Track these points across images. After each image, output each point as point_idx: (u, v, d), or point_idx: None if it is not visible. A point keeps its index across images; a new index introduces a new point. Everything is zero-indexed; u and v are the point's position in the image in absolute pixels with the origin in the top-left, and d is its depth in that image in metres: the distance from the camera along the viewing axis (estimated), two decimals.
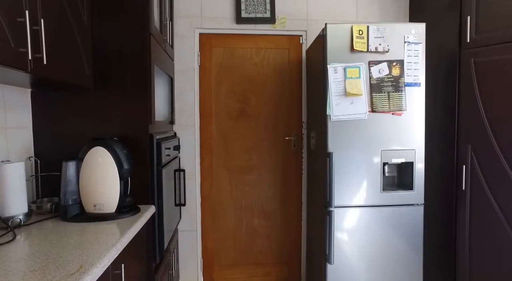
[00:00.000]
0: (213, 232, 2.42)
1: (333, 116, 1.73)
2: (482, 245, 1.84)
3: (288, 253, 2.49)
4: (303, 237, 2.48)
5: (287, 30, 2.39)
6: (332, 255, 1.75)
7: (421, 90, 1.78)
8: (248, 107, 2.42)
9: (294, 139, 2.43)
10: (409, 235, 1.80)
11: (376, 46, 1.74)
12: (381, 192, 1.77)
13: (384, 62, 1.74)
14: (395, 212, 1.79)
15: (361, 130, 1.75)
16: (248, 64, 2.41)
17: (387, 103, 1.74)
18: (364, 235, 1.79)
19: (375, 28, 1.75)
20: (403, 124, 1.77)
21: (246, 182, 2.43)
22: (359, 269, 1.80)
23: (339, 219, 1.77)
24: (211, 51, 2.37)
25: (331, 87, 1.72)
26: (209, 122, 2.39)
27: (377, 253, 1.80)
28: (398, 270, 1.81)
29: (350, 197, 1.77)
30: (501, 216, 1.75)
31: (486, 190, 1.80)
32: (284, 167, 2.45)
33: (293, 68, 2.43)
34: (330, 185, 1.74)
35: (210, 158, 2.40)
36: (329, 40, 1.74)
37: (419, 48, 1.77)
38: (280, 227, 2.47)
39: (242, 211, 2.44)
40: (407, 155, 1.77)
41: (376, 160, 1.76)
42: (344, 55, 1.74)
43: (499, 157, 1.75)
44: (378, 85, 1.73)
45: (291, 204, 2.47)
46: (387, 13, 2.48)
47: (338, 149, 1.75)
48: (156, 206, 1.53)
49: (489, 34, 1.78)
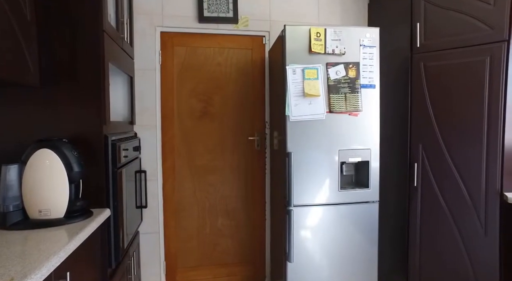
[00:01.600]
0: (176, 234, 2.38)
1: (292, 117, 1.76)
2: (430, 236, 1.96)
3: (252, 253, 2.50)
4: (267, 236, 2.51)
5: (250, 31, 2.40)
6: (292, 254, 1.78)
7: (376, 92, 1.86)
8: (211, 107, 2.40)
9: (257, 139, 2.45)
10: (366, 231, 1.88)
11: (333, 48, 1.79)
12: (339, 191, 1.83)
13: (341, 64, 1.80)
14: (352, 209, 1.86)
15: (320, 130, 1.80)
16: (211, 64, 2.39)
17: (344, 104, 1.80)
18: (323, 233, 1.84)
19: (332, 31, 1.80)
20: (359, 124, 1.84)
21: (209, 182, 2.41)
22: (318, 265, 1.85)
23: (298, 217, 1.81)
24: (173, 50, 2.32)
25: (290, 88, 1.75)
26: (172, 122, 2.35)
27: (335, 249, 1.86)
28: (355, 263, 1.88)
29: (309, 196, 1.81)
30: (445, 207, 1.88)
31: (434, 185, 1.92)
32: (248, 167, 2.46)
33: (256, 68, 2.45)
34: (289, 185, 1.77)
35: (172, 159, 2.36)
36: (288, 42, 1.77)
37: (374, 51, 1.85)
38: (244, 227, 2.48)
39: (205, 212, 2.42)
40: (363, 154, 1.85)
41: (334, 160, 1.82)
42: (302, 57, 1.78)
43: (445, 155, 1.87)
44: (336, 86, 1.79)
45: (255, 204, 2.49)
46: (348, 17, 2.57)
47: (297, 149, 1.78)
48: (111, 209, 1.47)
49: (435, 41, 1.90)
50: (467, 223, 1.79)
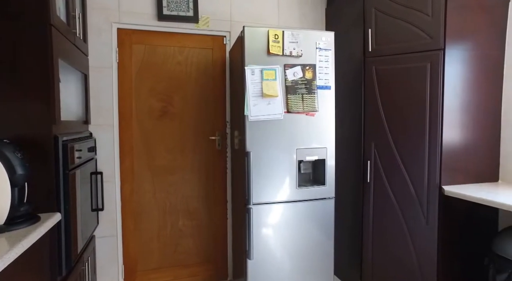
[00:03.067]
0: (135, 236, 2.32)
1: (250, 117, 1.79)
2: (382, 228, 2.09)
3: (214, 252, 2.51)
4: (229, 235, 2.53)
5: (211, 30, 2.40)
6: (252, 251, 1.82)
7: (331, 93, 1.95)
8: (172, 107, 2.37)
9: (218, 138, 2.46)
10: (322, 226, 1.96)
11: (290, 50, 1.85)
12: (297, 188, 1.90)
13: (298, 65, 1.87)
14: (310, 206, 1.93)
15: (278, 130, 1.85)
16: (171, 63, 2.36)
17: (301, 104, 1.87)
18: (282, 229, 1.90)
19: (290, 34, 1.86)
20: (316, 124, 1.92)
21: (170, 182, 2.38)
22: (278, 261, 1.90)
23: (258, 215, 1.85)
24: (131, 47, 2.26)
25: (249, 88, 1.79)
26: (130, 122, 2.28)
27: (294, 244, 1.93)
28: (313, 257, 1.96)
29: (269, 194, 1.86)
30: (394, 201, 2.02)
31: (385, 181, 2.06)
32: (209, 166, 2.46)
33: (217, 68, 2.45)
34: (248, 183, 1.80)
35: (131, 159, 2.29)
36: (247, 43, 1.80)
37: (329, 54, 1.93)
38: (206, 227, 2.48)
39: (166, 213, 2.38)
40: (320, 153, 1.93)
41: (292, 158, 1.88)
42: (261, 58, 1.82)
43: (394, 153, 2.01)
44: (293, 87, 1.85)
45: (216, 203, 2.50)
46: (306, 20, 2.66)
47: (256, 148, 1.82)
48: (63, 213, 1.41)
49: (385, 46, 2.03)
50: (412, 214, 1.95)
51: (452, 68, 1.84)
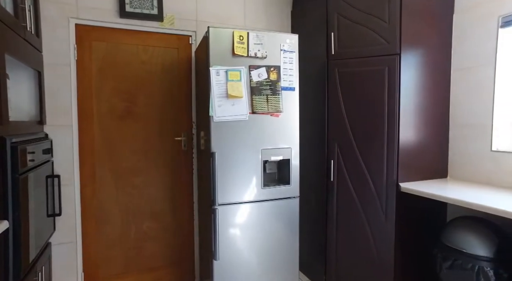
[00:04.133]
0: (97, 241, 2.22)
1: (215, 117, 1.79)
2: (345, 225, 2.17)
3: (180, 254, 2.47)
4: (195, 237, 2.50)
5: (176, 29, 2.36)
6: (218, 252, 1.81)
7: (295, 94, 1.99)
8: (136, 107, 2.30)
9: (184, 139, 2.42)
10: (288, 224, 2.00)
11: (255, 51, 1.87)
12: (262, 188, 1.92)
13: (263, 67, 1.89)
14: (275, 205, 1.96)
15: (243, 131, 1.86)
16: (135, 62, 2.29)
17: (266, 105, 1.89)
18: (248, 229, 1.91)
19: (255, 35, 1.88)
20: (280, 125, 1.95)
21: (134, 185, 2.31)
22: (244, 261, 1.91)
23: (224, 216, 1.85)
24: (91, 45, 2.17)
25: (214, 88, 1.78)
26: (91, 122, 2.19)
27: (260, 243, 1.95)
28: (279, 255, 1.99)
29: (234, 194, 1.87)
30: (356, 198, 2.11)
31: (347, 179, 2.14)
32: (175, 167, 2.42)
33: (183, 68, 2.42)
34: (213, 184, 1.80)
35: (92, 161, 2.19)
36: (212, 43, 1.80)
37: (293, 56, 1.97)
38: (172, 229, 2.44)
39: (130, 216, 2.31)
40: (284, 153, 1.97)
41: (257, 158, 1.90)
42: (226, 59, 1.82)
43: (356, 152, 2.10)
44: (258, 88, 1.87)
45: (182, 205, 2.46)
46: (273, 22, 2.70)
47: (222, 149, 1.82)
48: (11, 221, 1.32)
49: (347, 50, 2.11)
50: (372, 210, 2.04)
51: (407, 72, 1.95)
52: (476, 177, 2.03)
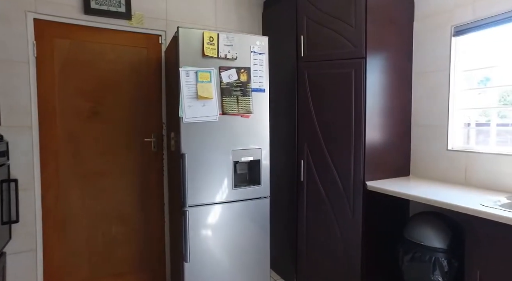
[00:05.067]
0: (60, 248, 2.12)
1: (185, 118, 1.77)
2: (314, 223, 2.23)
3: (151, 258, 2.42)
4: (166, 239, 2.46)
5: (145, 29, 2.31)
6: (188, 254, 1.80)
7: (265, 95, 2.01)
8: (103, 107, 2.22)
9: (154, 140, 2.38)
10: (259, 224, 2.02)
11: (225, 53, 1.87)
12: (233, 189, 1.93)
13: (233, 68, 1.90)
14: (246, 205, 1.98)
15: (213, 132, 1.86)
16: (102, 61, 2.21)
17: (236, 107, 1.90)
18: (219, 230, 1.91)
19: (225, 37, 1.88)
20: (251, 126, 1.97)
21: (101, 188, 2.23)
22: (215, 262, 1.91)
23: (194, 217, 1.83)
24: (53, 41, 2.07)
25: (184, 89, 1.76)
26: (53, 123, 2.08)
27: (232, 244, 1.95)
28: (250, 255, 2.00)
29: (205, 195, 1.86)
30: (325, 197, 2.17)
31: (317, 179, 2.20)
32: (145, 169, 2.36)
33: (153, 67, 2.37)
34: (183, 186, 1.78)
35: (55, 164, 2.09)
36: (181, 44, 1.78)
37: (263, 58, 2.00)
38: (142, 232, 2.38)
39: (97, 220, 2.23)
40: (255, 153, 1.98)
41: (228, 159, 1.91)
42: (196, 59, 1.81)
43: (324, 152, 2.16)
44: (228, 89, 1.88)
45: (153, 207, 2.41)
46: (244, 24, 2.71)
47: (192, 150, 1.81)
48: None
49: (316, 52, 2.17)
50: (340, 208, 2.11)
51: (372, 75, 2.04)
52: (434, 174, 2.16)
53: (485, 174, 1.89)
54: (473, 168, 1.95)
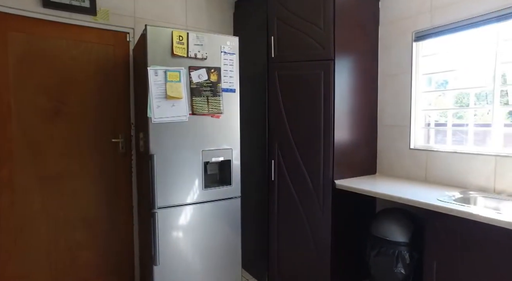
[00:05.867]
0: (17, 256, 2.00)
1: (154, 118, 1.73)
2: (286, 221, 2.27)
3: (119, 262, 2.34)
4: (135, 242, 2.39)
5: (111, 25, 2.23)
6: (158, 256, 1.76)
7: (236, 95, 2.01)
8: (67, 106, 2.12)
9: (122, 141, 2.30)
10: (230, 224, 2.02)
11: (195, 52, 1.85)
12: (203, 189, 1.91)
13: (203, 68, 1.88)
14: (217, 206, 1.97)
15: (183, 132, 1.83)
16: (65, 58, 2.11)
17: (206, 107, 1.88)
18: (190, 231, 1.89)
19: (195, 36, 1.86)
20: (221, 126, 1.96)
21: (64, 191, 2.13)
22: (187, 263, 1.88)
23: (164, 219, 1.80)
24: (7, 35, 1.94)
25: (152, 89, 1.72)
26: (8, 122, 1.96)
27: (203, 245, 1.93)
28: (221, 255, 2.00)
29: (175, 196, 1.83)
30: (296, 196, 2.21)
31: (287, 178, 2.23)
32: (112, 170, 2.28)
33: (120, 66, 2.29)
34: (152, 187, 1.74)
35: (10, 167, 1.97)
36: (150, 42, 1.74)
37: (234, 58, 2.00)
38: (109, 236, 2.30)
39: (60, 225, 2.12)
40: (225, 154, 1.98)
41: (198, 160, 1.89)
42: (165, 59, 1.77)
43: (295, 152, 2.20)
44: (198, 89, 1.86)
45: (120, 209, 2.33)
46: (215, 24, 2.69)
47: (161, 151, 1.77)
48: None
49: (286, 53, 2.20)
50: (310, 206, 2.16)
51: (340, 76, 2.10)
52: (399, 172, 2.27)
53: (443, 171, 2.01)
54: (432, 165, 2.07)
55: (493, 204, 1.69)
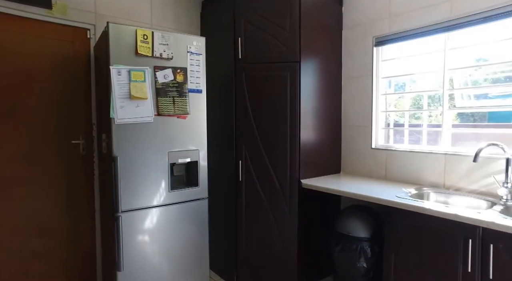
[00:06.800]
0: None
1: (117, 119, 1.68)
2: (254, 221, 2.29)
3: (80, 270, 2.24)
4: (98, 248, 2.30)
5: (70, 20, 2.12)
6: (122, 262, 1.71)
7: (203, 96, 2.00)
8: (20, 106, 1.99)
9: (82, 142, 2.20)
10: (197, 225, 2.01)
11: (161, 52, 1.82)
12: (170, 191, 1.88)
13: (169, 68, 1.85)
14: (184, 207, 1.94)
15: (149, 133, 1.79)
16: (18, 54, 1.98)
17: (172, 107, 1.86)
18: (156, 234, 1.85)
19: (160, 35, 1.82)
20: (188, 127, 1.94)
21: (17, 197, 1.99)
22: (152, 267, 1.84)
23: (129, 223, 1.75)
24: None
25: (115, 89, 1.67)
26: None
27: (170, 247, 1.90)
28: (189, 257, 1.98)
29: (140, 199, 1.78)
30: (263, 196, 2.24)
31: (255, 179, 2.26)
32: (72, 174, 2.18)
33: (80, 63, 2.19)
34: (116, 190, 1.69)
35: None
36: (112, 40, 1.68)
37: (200, 59, 1.98)
38: (69, 242, 2.18)
39: (14, 234, 1.98)
40: (192, 155, 1.96)
41: (164, 161, 1.85)
42: (129, 58, 1.72)
43: (262, 152, 2.23)
44: (164, 89, 1.82)
45: (81, 215, 2.23)
46: (181, 23, 2.65)
47: (125, 152, 1.72)
48: None
49: (253, 54, 2.22)
50: (277, 206, 2.20)
51: (306, 78, 2.16)
52: (361, 171, 2.38)
53: (401, 169, 2.14)
54: (391, 164, 2.20)
55: (442, 198, 1.83)
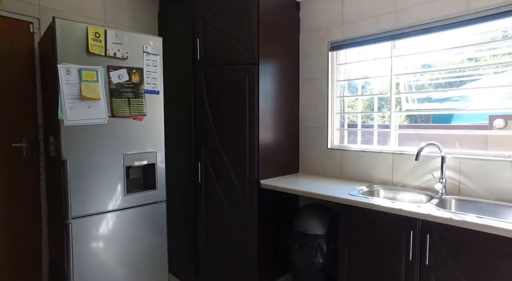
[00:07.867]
0: None
1: (66, 121, 1.58)
2: (214, 222, 2.28)
3: None
4: (44, 259, 2.14)
5: (7, 12, 1.95)
6: (72, 272, 1.61)
7: (160, 97, 1.95)
8: None
9: (26, 145, 2.04)
10: (155, 229, 1.96)
11: (114, 51, 1.74)
12: (125, 195, 1.81)
13: (124, 68, 1.78)
14: (140, 211, 1.88)
15: (102, 135, 1.71)
16: None
17: (127, 108, 1.79)
18: (111, 241, 1.77)
19: (113, 34, 1.75)
20: (144, 129, 1.88)
21: None
22: (107, 275, 1.76)
23: (80, 230, 1.65)
24: None
25: (64, 89, 1.57)
26: None
27: (126, 253, 1.83)
28: (147, 262, 1.92)
29: (92, 205, 1.69)
30: (223, 197, 2.24)
31: (214, 180, 2.25)
32: (13, 180, 2.00)
33: (22, 60, 2.02)
34: (65, 195, 1.59)
35: None
36: (60, 37, 1.57)
37: (157, 59, 1.93)
38: (8, 256, 2.00)
39: None
40: (149, 157, 1.91)
41: (119, 164, 1.78)
42: (79, 56, 1.63)
43: (221, 154, 2.23)
44: (118, 90, 1.75)
45: (25, 224, 2.06)
46: (138, 22, 2.56)
47: (76, 156, 1.63)
48: None
49: (212, 56, 2.21)
50: (237, 206, 2.22)
51: (264, 80, 2.20)
52: (318, 170, 2.48)
53: (354, 168, 2.27)
54: (346, 163, 2.32)
55: (391, 194, 1.98)
